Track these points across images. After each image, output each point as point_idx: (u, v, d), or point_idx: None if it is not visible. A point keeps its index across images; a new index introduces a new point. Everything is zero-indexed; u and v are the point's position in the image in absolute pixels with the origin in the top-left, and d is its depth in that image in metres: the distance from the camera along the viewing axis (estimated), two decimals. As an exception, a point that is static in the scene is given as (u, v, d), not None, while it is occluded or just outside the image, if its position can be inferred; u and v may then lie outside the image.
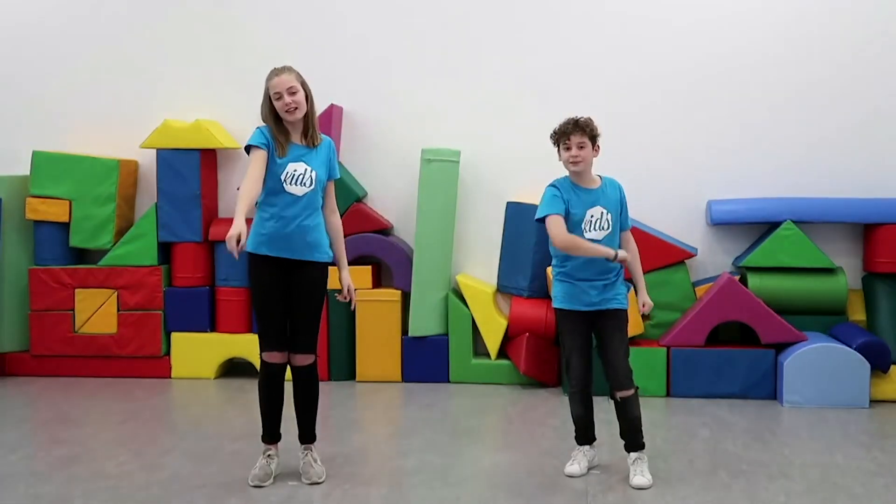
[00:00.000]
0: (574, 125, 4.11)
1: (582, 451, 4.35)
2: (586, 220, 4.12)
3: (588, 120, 4.15)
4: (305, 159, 4.07)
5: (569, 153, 4.11)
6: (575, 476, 4.23)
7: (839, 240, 6.30)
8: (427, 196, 6.27)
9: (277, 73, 4.05)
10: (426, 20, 6.58)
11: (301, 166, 4.05)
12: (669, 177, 6.37)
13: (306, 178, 4.05)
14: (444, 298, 6.31)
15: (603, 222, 4.13)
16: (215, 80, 6.71)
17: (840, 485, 4.16)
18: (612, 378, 4.17)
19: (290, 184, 4.03)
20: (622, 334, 4.21)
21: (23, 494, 4.04)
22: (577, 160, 4.10)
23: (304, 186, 4.05)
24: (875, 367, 5.62)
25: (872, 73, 6.28)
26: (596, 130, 4.16)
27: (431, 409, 5.63)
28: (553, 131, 4.18)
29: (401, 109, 6.58)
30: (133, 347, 6.43)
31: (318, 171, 4.08)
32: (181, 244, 6.48)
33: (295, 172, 4.04)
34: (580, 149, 4.10)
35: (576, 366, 4.22)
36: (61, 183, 6.47)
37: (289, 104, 4.00)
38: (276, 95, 4.02)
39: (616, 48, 6.44)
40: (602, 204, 4.14)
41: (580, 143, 4.10)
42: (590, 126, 4.13)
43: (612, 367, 4.17)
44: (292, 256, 4.06)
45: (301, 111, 4.05)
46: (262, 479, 4.15)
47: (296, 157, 4.06)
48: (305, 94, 4.07)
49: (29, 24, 6.86)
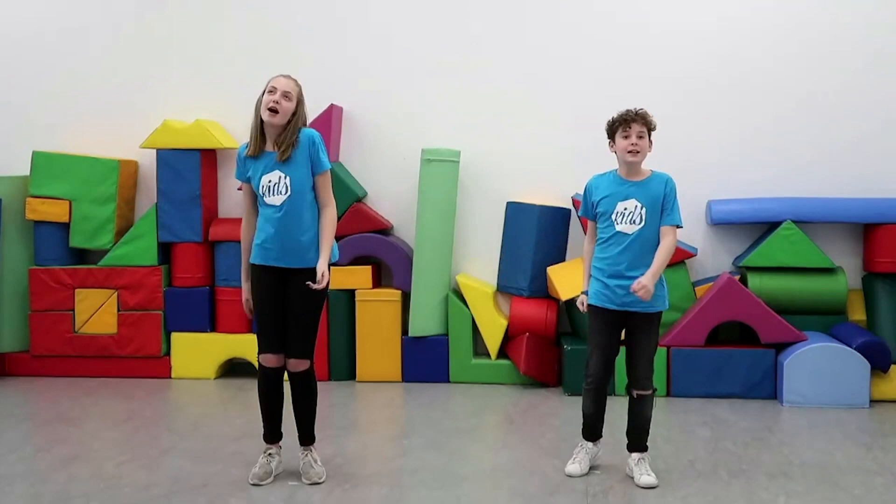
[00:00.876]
0: (636, 114, 4.09)
1: (585, 447, 4.33)
2: (617, 213, 4.09)
3: (647, 111, 4.13)
4: (279, 167, 4.04)
5: (627, 141, 4.08)
6: (574, 476, 4.23)
7: (839, 240, 6.30)
8: (427, 196, 6.27)
9: (284, 76, 4.10)
10: (426, 20, 6.58)
11: (274, 175, 4.04)
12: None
13: (281, 187, 4.04)
14: (444, 298, 6.31)
15: (636, 216, 4.08)
16: (215, 80, 6.71)
17: (840, 485, 4.17)
18: (633, 376, 4.22)
19: (268, 195, 4.05)
20: (649, 336, 4.18)
21: (23, 494, 4.04)
22: (636, 149, 4.08)
23: (281, 195, 4.04)
24: (875, 367, 5.62)
25: (873, 73, 6.28)
26: (654, 123, 4.14)
27: (431, 409, 5.63)
28: (611, 119, 4.15)
29: (401, 110, 6.58)
30: (133, 347, 6.43)
31: (291, 176, 4.04)
32: (181, 244, 6.48)
33: (269, 183, 4.04)
34: (640, 138, 4.08)
35: (595, 362, 4.19)
36: (61, 183, 6.47)
37: (275, 102, 3.99)
38: (270, 89, 4.03)
39: (616, 49, 6.44)
40: (638, 197, 4.09)
41: (640, 133, 4.09)
42: (649, 117, 4.12)
43: (634, 365, 4.20)
44: (283, 265, 4.07)
45: (280, 118, 4.01)
46: (262, 478, 4.16)
47: (269, 167, 4.05)
48: (295, 110, 4.05)
49: (29, 25, 6.85)
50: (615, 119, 4.14)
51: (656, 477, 4.16)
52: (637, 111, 4.11)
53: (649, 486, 4.12)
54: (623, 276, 4.09)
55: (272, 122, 4.02)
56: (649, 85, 6.38)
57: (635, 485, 4.17)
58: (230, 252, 6.39)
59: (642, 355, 4.19)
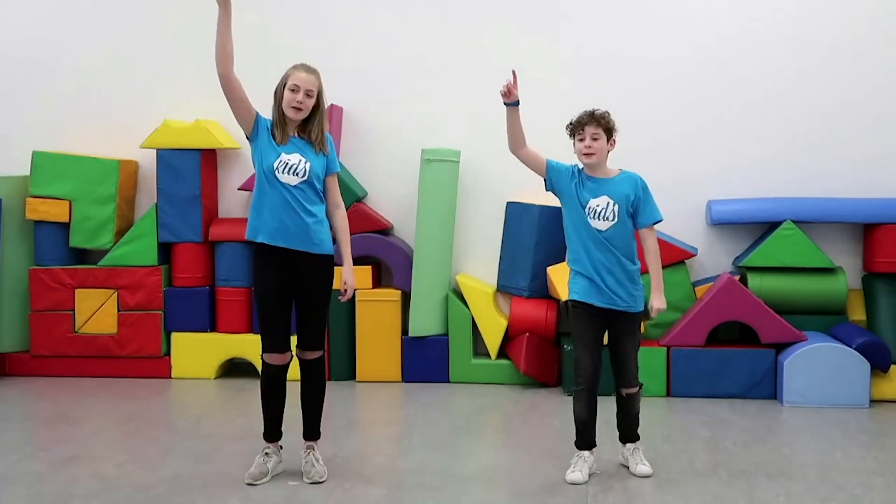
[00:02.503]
0: (590, 116, 4.12)
1: (582, 456, 4.26)
2: (590, 208, 4.11)
3: (605, 113, 4.15)
4: (301, 152, 4.07)
5: (582, 144, 4.13)
6: (578, 483, 4.15)
7: (839, 240, 6.30)
8: (427, 196, 6.27)
9: (306, 70, 4.10)
10: (426, 20, 6.58)
11: (295, 157, 4.04)
12: (669, 177, 6.36)
13: (300, 169, 4.03)
14: (444, 298, 6.31)
15: (609, 213, 4.11)
16: (215, 80, 6.56)
17: (840, 485, 4.16)
18: (621, 376, 4.25)
19: (282, 173, 4.02)
20: (634, 336, 4.23)
21: (23, 494, 4.04)
22: (590, 152, 4.11)
23: (297, 176, 4.03)
24: (875, 367, 5.62)
25: (873, 73, 6.28)
26: (612, 124, 4.16)
27: (431, 409, 5.63)
28: (569, 122, 4.19)
29: (401, 110, 6.58)
30: (133, 347, 6.43)
31: (312, 164, 4.06)
32: (181, 244, 6.48)
33: (289, 162, 4.03)
34: (594, 140, 4.11)
35: (585, 364, 4.17)
36: (61, 183, 6.46)
37: (300, 102, 4.02)
38: (292, 87, 4.04)
39: (616, 49, 6.44)
40: (609, 194, 4.12)
41: (594, 135, 4.11)
42: (605, 119, 4.14)
43: (622, 366, 4.23)
44: (291, 246, 4.03)
45: (303, 114, 4.06)
46: (257, 478, 4.15)
47: (291, 149, 4.06)
48: (318, 102, 4.09)
49: (29, 25, 6.85)
50: (571, 122, 4.19)
51: (650, 466, 4.25)
52: (592, 112, 4.14)
53: (645, 475, 4.21)
54: (601, 271, 4.10)
55: (296, 119, 4.07)
56: (650, 85, 6.38)
57: (631, 474, 4.24)
58: (230, 252, 6.39)
59: (629, 355, 4.22)
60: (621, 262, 4.12)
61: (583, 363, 4.18)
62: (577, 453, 4.28)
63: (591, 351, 4.17)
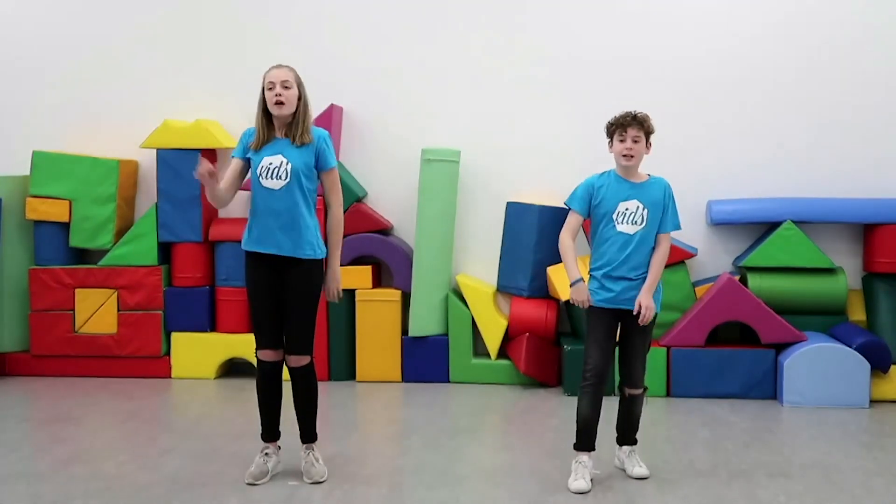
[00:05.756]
0: (633, 118, 4.11)
1: (582, 461, 4.16)
2: (619, 212, 4.10)
3: (646, 115, 4.14)
4: (283, 153, 4.05)
5: (623, 145, 4.11)
6: (583, 492, 4.04)
7: (839, 240, 6.30)
8: (427, 196, 6.27)
9: (276, 67, 4.12)
10: (426, 20, 6.58)
11: (276, 159, 4.04)
12: (669, 177, 6.22)
13: (281, 171, 4.02)
14: (444, 298, 6.31)
15: (637, 217, 4.10)
16: (215, 80, 6.71)
17: (840, 485, 4.17)
18: (627, 376, 4.23)
19: (265, 178, 4.04)
20: (645, 337, 4.21)
21: (23, 494, 4.04)
22: (630, 153, 4.10)
23: (280, 180, 4.03)
24: (875, 367, 5.62)
25: (873, 73, 6.28)
26: (652, 128, 4.15)
27: (431, 409, 5.63)
28: (609, 122, 4.17)
29: (401, 109, 6.58)
30: (133, 347, 6.43)
31: (294, 163, 4.03)
32: (181, 244, 6.48)
33: (270, 166, 4.03)
34: (635, 142, 4.10)
35: (594, 358, 4.13)
36: (61, 183, 6.46)
37: (278, 95, 4.01)
38: (269, 85, 4.05)
39: (617, 49, 6.44)
40: (639, 198, 4.12)
41: (635, 137, 4.10)
42: (647, 122, 4.13)
43: (628, 366, 4.22)
44: (277, 252, 4.05)
45: (289, 108, 4.04)
46: (257, 478, 4.15)
47: (273, 150, 4.06)
48: (299, 94, 4.08)
49: (29, 24, 6.85)
50: (612, 122, 4.17)
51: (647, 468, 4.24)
52: (635, 115, 4.12)
53: (642, 477, 4.20)
54: (624, 277, 4.10)
55: (283, 115, 4.05)
56: (650, 85, 6.37)
57: (627, 476, 4.23)
58: (230, 252, 6.38)
59: (638, 356, 4.21)
60: (644, 265, 4.11)
61: (591, 358, 4.14)
62: (576, 458, 4.18)
63: (602, 347, 4.14)
